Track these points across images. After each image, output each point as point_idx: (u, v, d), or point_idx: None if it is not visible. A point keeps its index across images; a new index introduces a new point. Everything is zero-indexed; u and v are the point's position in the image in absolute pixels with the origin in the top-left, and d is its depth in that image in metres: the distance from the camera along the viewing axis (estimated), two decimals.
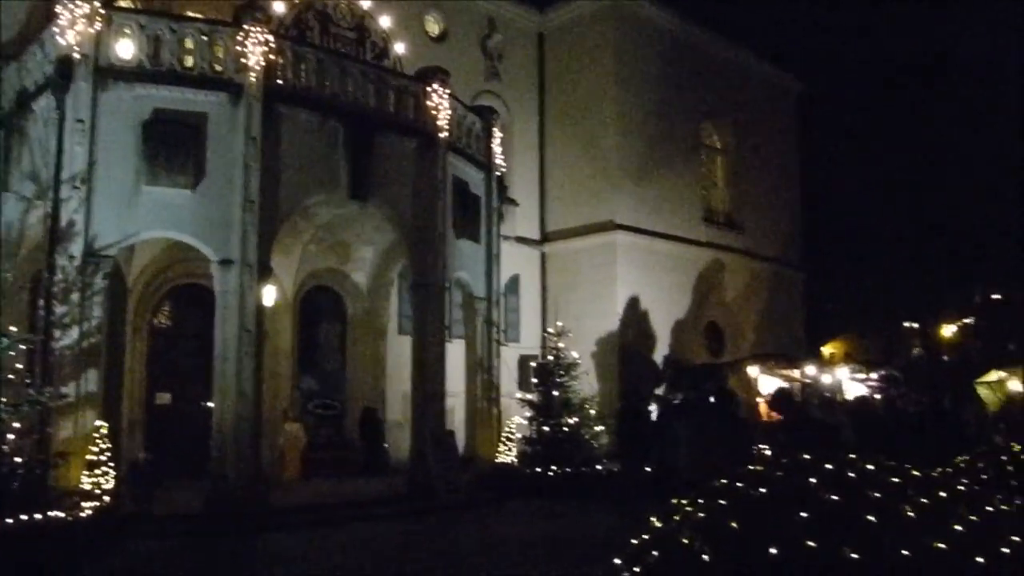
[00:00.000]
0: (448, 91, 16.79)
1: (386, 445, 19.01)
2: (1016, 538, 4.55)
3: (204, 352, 14.47)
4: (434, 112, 16.39)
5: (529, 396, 18.49)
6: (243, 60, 13.76)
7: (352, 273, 19.81)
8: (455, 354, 18.00)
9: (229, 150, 13.61)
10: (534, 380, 18.85)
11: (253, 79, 13.78)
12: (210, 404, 13.86)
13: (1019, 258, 41.30)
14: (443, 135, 16.49)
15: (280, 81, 14.34)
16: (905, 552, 4.30)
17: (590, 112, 24.10)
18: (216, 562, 10.29)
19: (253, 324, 13.58)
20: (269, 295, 14.40)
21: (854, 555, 4.31)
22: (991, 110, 40.88)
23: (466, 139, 17.93)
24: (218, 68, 13.83)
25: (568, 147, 24.51)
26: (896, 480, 4.80)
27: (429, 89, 16.41)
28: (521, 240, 23.71)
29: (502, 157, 19.35)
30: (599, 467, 17.11)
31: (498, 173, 19.07)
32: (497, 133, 19.13)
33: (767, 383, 23.25)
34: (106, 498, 11.81)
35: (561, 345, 18.63)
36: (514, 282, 23.21)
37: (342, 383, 19.80)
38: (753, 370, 22.67)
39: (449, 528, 12.81)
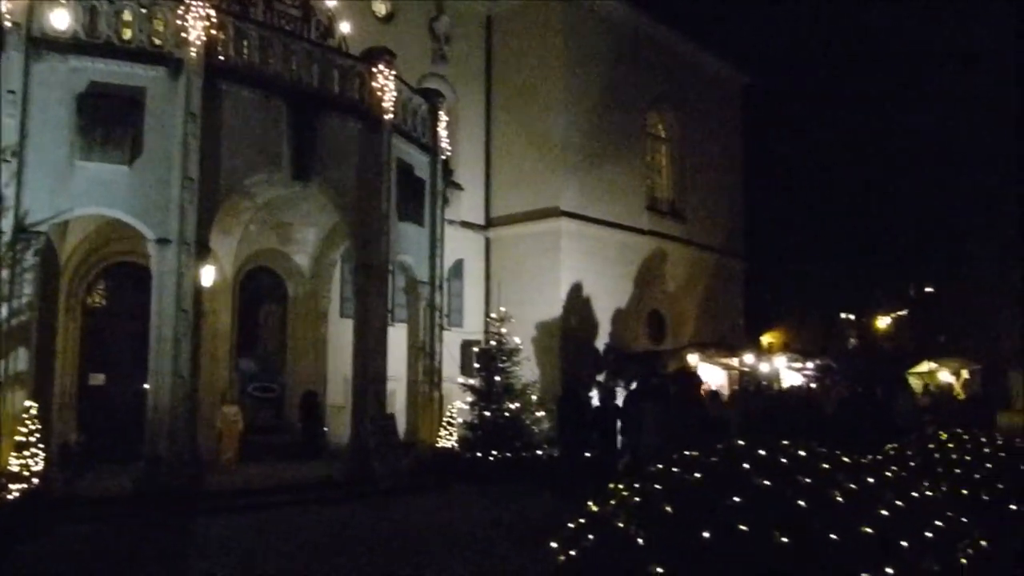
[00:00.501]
0: (394, 73, 16.63)
1: (326, 429, 18.85)
2: (939, 523, 4.68)
3: (140, 332, 14.16)
4: (379, 93, 16.22)
5: (471, 381, 18.52)
6: (183, 34, 13.46)
7: (294, 254, 19.55)
8: (397, 338, 17.91)
9: (168, 126, 13.32)
10: (476, 365, 18.88)
11: (193, 54, 13.49)
12: (145, 386, 13.57)
13: (951, 253, 42.50)
14: (388, 117, 16.33)
15: (222, 57, 14.06)
16: (833, 536, 4.39)
17: (537, 98, 24.07)
18: (147, 546, 10.10)
19: (191, 304, 13.34)
20: (208, 275, 14.13)
21: (784, 539, 4.39)
22: (931, 105, 41.82)
23: (412, 122, 17.80)
24: (157, 42, 13.49)
25: (514, 132, 24.46)
26: (826, 466, 4.89)
27: (375, 70, 16.23)
28: (466, 225, 23.63)
29: (448, 141, 19.27)
30: (539, 452, 17.21)
31: (443, 157, 18.99)
32: (443, 116, 19.02)
33: (706, 371, 23.61)
34: (35, 480, 11.52)
35: (504, 331, 18.67)
36: (458, 267, 23.14)
37: (282, 366, 19.58)
38: (693, 358, 22.94)
39: (387, 513, 12.75)
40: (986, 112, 40.28)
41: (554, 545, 5.61)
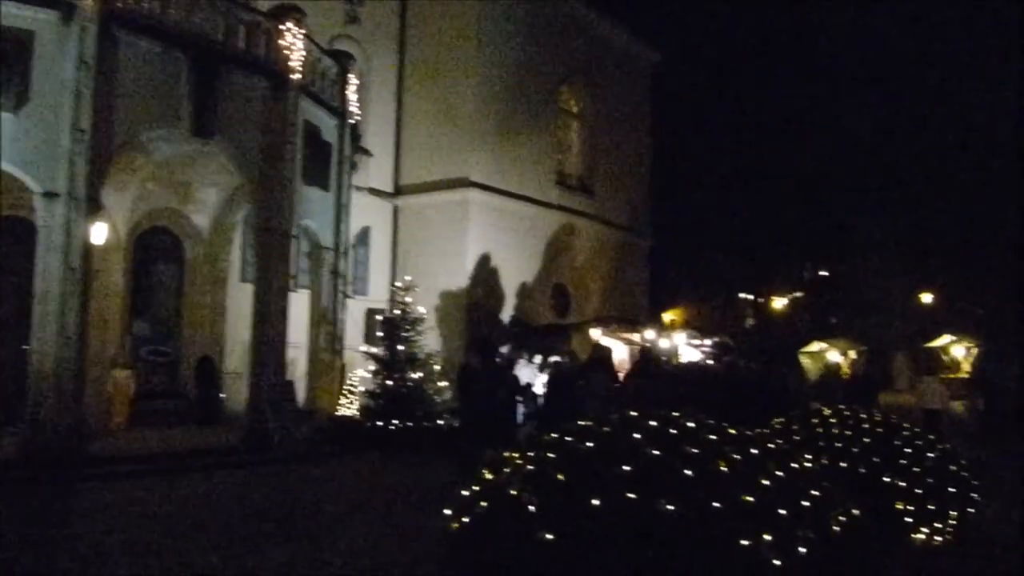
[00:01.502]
0: (303, 31, 16.22)
1: (223, 395, 18.44)
2: (816, 493, 4.86)
3: (25, 291, 13.52)
4: (287, 52, 15.80)
5: (374, 350, 18.34)
6: None
7: (193, 215, 18.95)
8: (299, 304, 17.61)
9: (58, 74, 12.68)
10: (380, 334, 18.70)
11: None
12: (26, 347, 12.99)
13: (844, 238, 44.12)
14: (295, 77, 15.93)
15: (119, 4, 13.41)
16: (717, 504, 4.52)
17: (450, 67, 23.84)
18: (27, 512, 9.71)
19: (79, 263, 12.80)
20: (99, 233, 13.57)
21: (670, 507, 4.49)
22: (837, 92, 43.14)
23: (320, 83, 17.42)
24: None
25: (426, 100, 24.20)
26: (713, 437, 5.02)
27: (283, 27, 15.79)
28: (374, 192, 23.33)
29: (357, 105, 18.94)
30: (441, 422, 17.21)
31: (352, 121, 18.67)
32: (353, 80, 18.68)
33: (609, 345, 23.98)
34: None
35: (409, 300, 18.53)
36: (364, 234, 22.86)
37: (178, 330, 19.02)
38: (596, 332, 23.29)
39: (283, 480, 12.57)
40: (884, 99, 41.75)
41: (448, 512, 5.64)
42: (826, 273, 50.59)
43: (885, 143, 41.08)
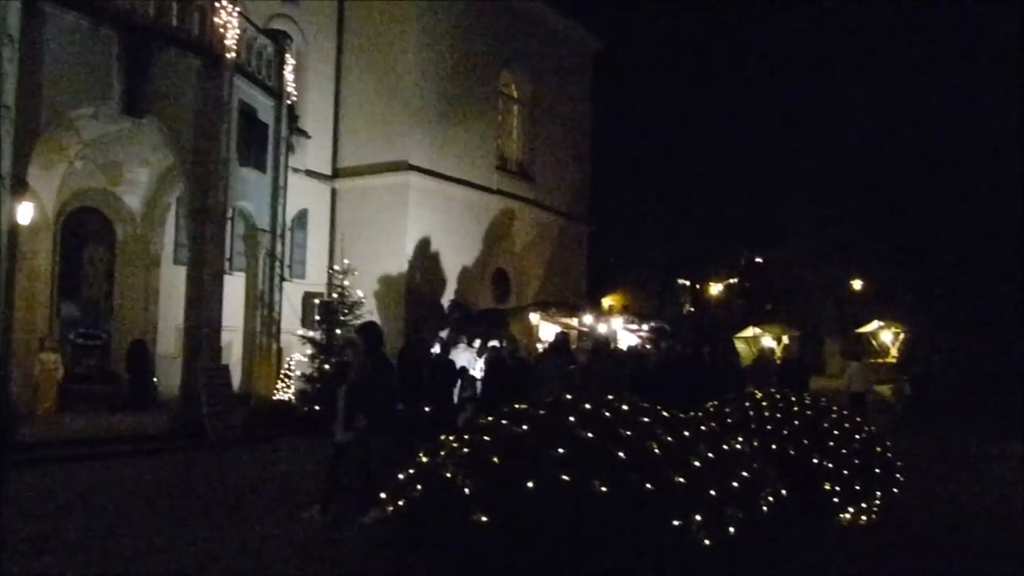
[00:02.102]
0: (238, 9, 15.90)
1: (156, 379, 18.09)
2: (745, 474, 4.97)
3: None
4: (221, 30, 15.45)
5: (311, 333, 18.18)
6: None
7: (124, 195, 18.50)
8: (235, 287, 17.37)
9: None
10: (317, 318, 18.53)
11: None
12: None
13: (779, 225, 44.98)
14: (230, 56, 15.60)
15: None
16: (649, 485, 4.60)
17: (390, 49, 23.60)
18: None
19: (5, 243, 12.39)
20: (25, 213, 13.16)
21: (603, 488, 4.56)
22: (774, 81, 43.90)
23: (256, 63, 17.10)
24: None
25: (366, 82, 23.93)
26: (646, 420, 5.10)
27: (217, 4, 15.42)
28: (311, 174, 23.02)
29: (294, 86, 18.65)
30: None
31: (289, 102, 18.39)
32: (290, 60, 18.38)
33: (547, 330, 24.12)
34: None
35: (347, 283, 18.40)
36: (302, 217, 22.57)
37: (109, 312, 18.60)
38: (535, 317, 23.39)
39: (216, 465, 12.37)
40: (818, 87, 42.57)
41: (383, 496, 5.63)
42: (761, 260, 51.56)
43: (819, 131, 41.92)
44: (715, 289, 51.68)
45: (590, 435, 4.86)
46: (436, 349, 17.10)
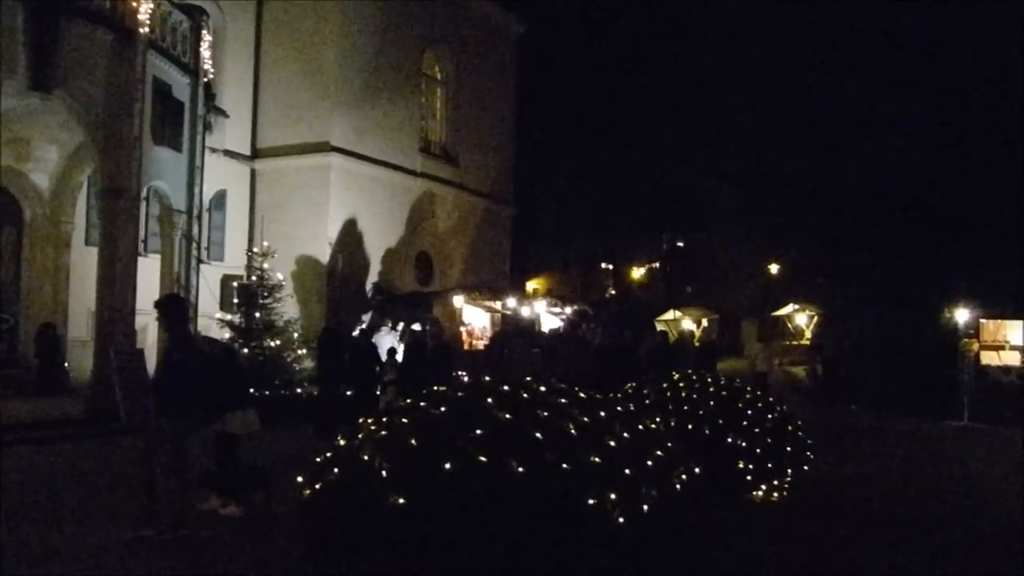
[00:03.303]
0: None
1: (66, 364, 17.54)
2: (660, 453, 5.08)
3: None
4: (134, 4, 14.94)
5: (229, 317, 17.86)
6: None
7: (31, 173, 17.83)
8: (150, 270, 16.91)
9: None
10: (236, 301, 18.21)
11: None
12: None
13: (698, 209, 45.81)
14: (144, 31, 15.11)
15: None
16: (565, 465, 4.66)
17: (311, 27, 23.16)
18: None
19: None
20: None
21: (520, 468, 4.60)
22: (697, 65, 44.55)
23: (171, 39, 16.62)
24: None
25: (286, 61, 23.44)
26: (563, 401, 5.16)
27: None
28: (230, 154, 22.49)
29: (211, 63, 18.21)
30: (300, 390, 16.97)
31: (206, 79, 17.94)
32: (207, 36, 17.93)
33: (471, 313, 24.18)
34: None
35: (266, 266, 18.12)
36: (220, 198, 22.06)
37: (16, 295, 17.94)
38: (458, 300, 23.41)
39: (128, 451, 12.08)
40: (741, 73, 43.38)
41: (300, 480, 5.59)
42: (682, 244, 52.49)
43: (740, 118, 42.72)
44: (637, 273, 52.45)
45: (507, 416, 4.89)
46: (358, 332, 17.00)
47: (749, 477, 8.35)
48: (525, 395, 5.16)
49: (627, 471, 4.74)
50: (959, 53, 31.74)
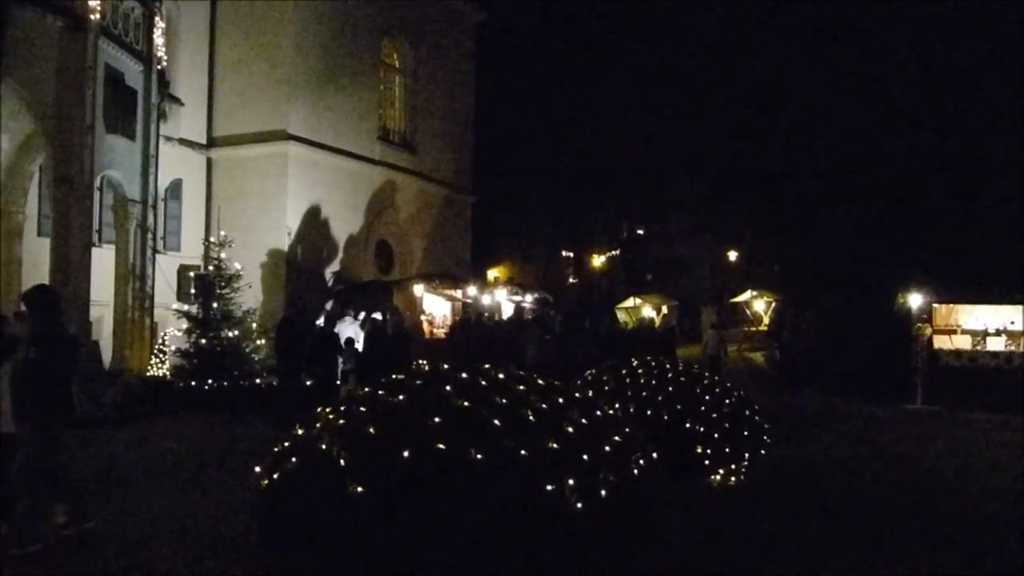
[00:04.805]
0: None
1: None
2: (617, 438, 5.13)
3: None
4: None
5: (186, 307, 17.65)
6: None
7: None
8: (104, 260, 16.66)
9: None
10: (193, 291, 17.98)
11: None
12: None
13: (657, 198, 46.13)
14: (95, 17, 14.87)
15: None
16: (523, 451, 4.69)
17: (267, 14, 22.85)
18: None
19: None
20: None
21: (478, 455, 4.62)
22: (654, 55, 44.72)
23: (123, 25, 16.34)
24: None
25: (242, 49, 23.12)
26: (521, 387, 5.18)
27: None
28: (185, 143, 22.15)
29: (165, 50, 17.92)
30: (258, 380, 16.84)
31: (159, 67, 17.67)
32: (160, 23, 17.65)
33: (431, 301, 24.12)
34: None
35: (224, 256, 17.92)
36: (176, 187, 21.76)
37: None
38: (419, 289, 23.34)
39: (86, 445, 11.93)
40: (700, 63, 43.63)
41: (258, 469, 5.55)
42: (642, 232, 52.83)
43: (695, 107, 43.01)
44: (598, 260, 52.70)
45: (466, 404, 4.91)
46: (320, 322, 16.90)
47: (707, 462, 8.45)
48: (483, 382, 5.18)
49: (585, 457, 4.78)
50: (906, 38, 32.23)
